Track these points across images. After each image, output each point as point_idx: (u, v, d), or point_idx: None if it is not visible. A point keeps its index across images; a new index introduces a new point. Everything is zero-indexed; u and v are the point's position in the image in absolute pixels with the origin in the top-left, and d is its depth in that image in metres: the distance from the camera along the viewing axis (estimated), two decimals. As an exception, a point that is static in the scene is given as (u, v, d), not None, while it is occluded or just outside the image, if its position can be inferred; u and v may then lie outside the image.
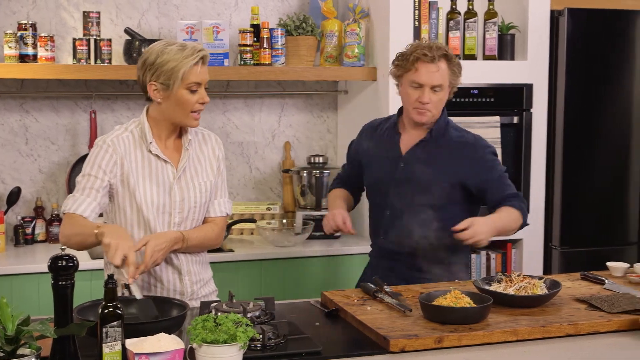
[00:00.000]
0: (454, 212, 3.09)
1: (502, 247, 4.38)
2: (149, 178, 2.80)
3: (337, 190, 3.43)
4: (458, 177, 3.11)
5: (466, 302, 2.51)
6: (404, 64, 3.10)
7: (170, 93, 2.72)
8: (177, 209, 2.83)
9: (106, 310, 2.06)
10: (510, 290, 2.69)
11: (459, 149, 3.14)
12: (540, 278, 2.78)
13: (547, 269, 4.41)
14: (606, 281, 2.98)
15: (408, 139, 3.19)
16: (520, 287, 2.70)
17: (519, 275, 2.78)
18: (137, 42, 4.08)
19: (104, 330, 2.05)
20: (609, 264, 3.17)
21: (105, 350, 2.05)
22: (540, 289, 2.70)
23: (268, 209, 4.47)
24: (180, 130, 2.87)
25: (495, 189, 3.12)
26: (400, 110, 3.24)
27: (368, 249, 3.37)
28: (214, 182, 2.92)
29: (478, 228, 2.89)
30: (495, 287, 2.74)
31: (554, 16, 4.38)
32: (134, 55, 4.05)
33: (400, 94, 3.17)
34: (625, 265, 3.16)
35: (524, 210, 3.10)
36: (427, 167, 3.12)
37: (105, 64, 4.04)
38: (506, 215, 3.04)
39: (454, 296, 2.53)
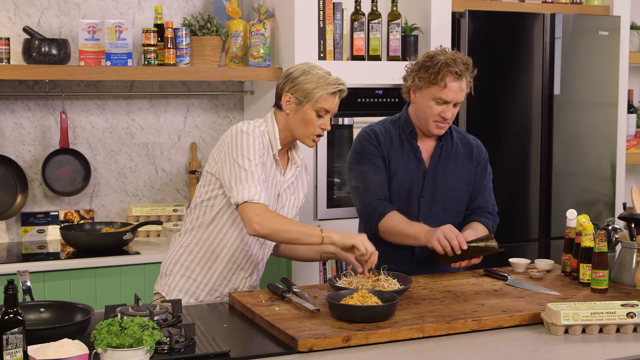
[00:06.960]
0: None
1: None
2: (267, 179, 2.91)
3: (395, 215, 3.12)
4: (470, 178, 3.23)
5: (373, 300, 2.53)
6: (431, 77, 3.06)
7: (300, 109, 2.89)
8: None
9: (6, 317, 2.01)
10: (368, 286, 2.76)
11: (468, 150, 3.26)
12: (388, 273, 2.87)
13: (451, 266, 4.48)
14: (508, 277, 3.05)
15: (424, 147, 3.23)
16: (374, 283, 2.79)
17: (369, 271, 2.86)
18: (36, 42, 3.97)
19: (4, 337, 2.00)
20: (511, 260, 3.25)
21: (7, 357, 1.99)
22: (394, 284, 2.79)
23: (175, 210, 4.43)
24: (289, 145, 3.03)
25: (482, 197, 3.26)
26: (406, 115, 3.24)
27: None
28: (303, 202, 3.12)
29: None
30: (344, 283, 2.82)
31: (456, 18, 4.46)
32: (34, 54, 3.94)
33: (416, 103, 3.16)
34: (526, 261, 3.24)
35: (491, 228, 3.22)
36: (450, 173, 3.21)
37: (4, 64, 3.93)
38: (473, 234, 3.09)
39: (361, 295, 2.55)
